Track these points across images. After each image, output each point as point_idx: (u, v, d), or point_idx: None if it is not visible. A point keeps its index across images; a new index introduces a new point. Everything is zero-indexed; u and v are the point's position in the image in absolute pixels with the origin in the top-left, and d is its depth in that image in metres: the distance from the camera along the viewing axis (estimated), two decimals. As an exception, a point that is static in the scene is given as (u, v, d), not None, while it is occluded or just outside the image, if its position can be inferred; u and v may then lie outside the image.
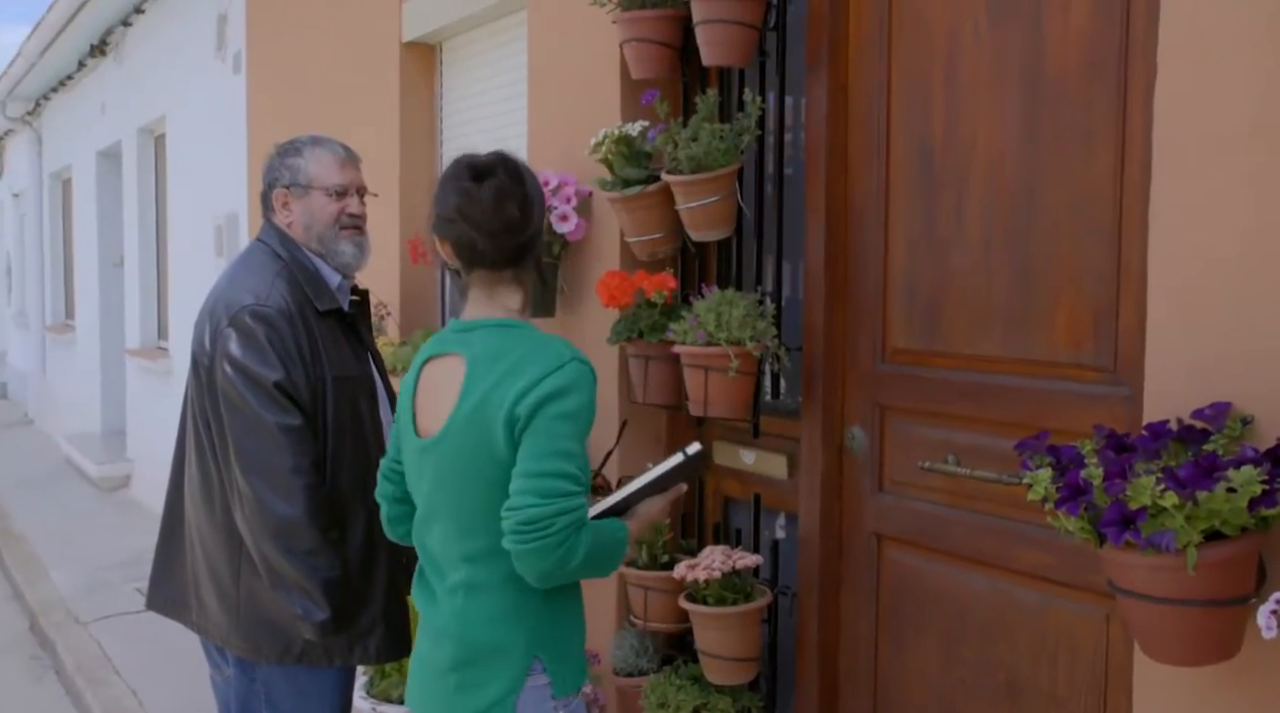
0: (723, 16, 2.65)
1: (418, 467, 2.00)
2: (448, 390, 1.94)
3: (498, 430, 1.86)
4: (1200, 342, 1.76)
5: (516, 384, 1.86)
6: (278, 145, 2.72)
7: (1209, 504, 1.47)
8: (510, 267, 1.99)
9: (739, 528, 3.01)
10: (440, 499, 1.96)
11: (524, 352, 1.91)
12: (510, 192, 1.94)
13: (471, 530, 1.92)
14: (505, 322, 1.98)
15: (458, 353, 1.96)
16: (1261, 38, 1.68)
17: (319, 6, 5.07)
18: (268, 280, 2.49)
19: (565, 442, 1.85)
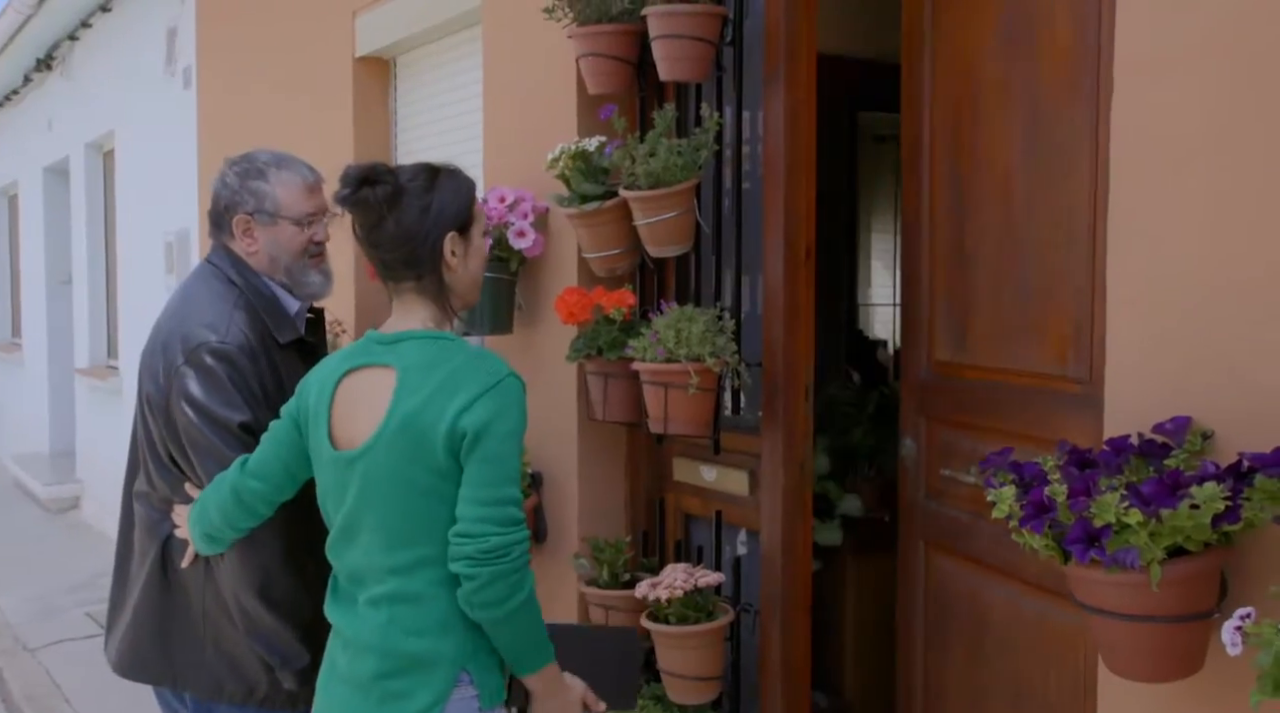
0: (679, 32, 2.64)
1: (336, 480, 1.95)
2: (374, 402, 1.90)
3: (435, 442, 1.84)
4: (1160, 356, 1.77)
5: (456, 398, 1.85)
6: (233, 162, 2.48)
7: (1172, 521, 1.47)
8: (408, 280, 1.96)
9: (700, 545, 2.99)
10: (365, 512, 1.91)
11: (458, 364, 1.89)
12: (384, 201, 1.89)
13: (400, 542, 1.89)
14: (435, 333, 1.95)
15: (386, 365, 1.92)
16: (1217, 52, 1.69)
17: (271, 21, 5.02)
18: (225, 312, 2.29)
19: (513, 463, 1.88)
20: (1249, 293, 1.66)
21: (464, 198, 1.97)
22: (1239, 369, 1.67)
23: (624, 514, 3.16)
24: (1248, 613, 1.41)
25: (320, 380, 2.01)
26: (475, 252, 2.01)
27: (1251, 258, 1.66)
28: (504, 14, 3.40)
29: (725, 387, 2.77)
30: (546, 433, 3.09)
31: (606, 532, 3.06)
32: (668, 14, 2.63)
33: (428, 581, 1.89)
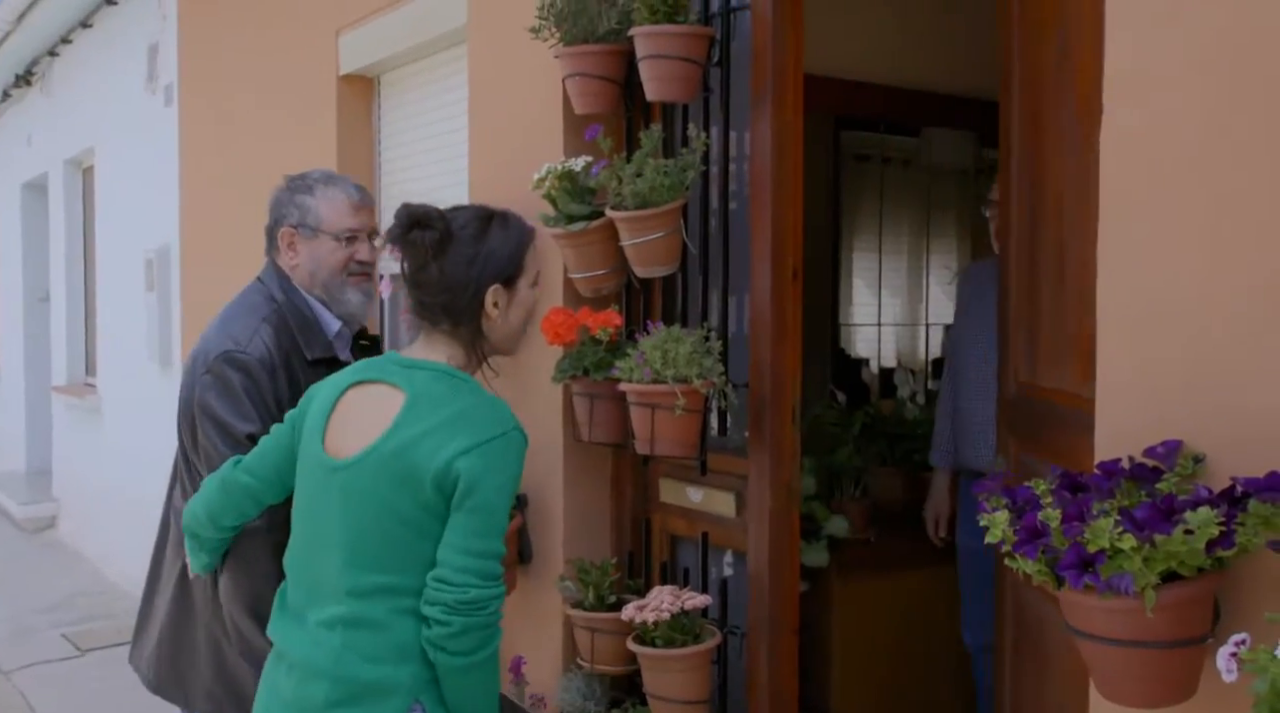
0: (666, 52, 2.64)
1: (316, 486, 1.93)
2: (376, 417, 1.89)
3: (425, 476, 1.83)
4: (1150, 377, 1.76)
5: (456, 439, 1.83)
6: (289, 178, 2.56)
7: (1167, 546, 1.46)
8: (444, 324, 1.97)
9: (686, 567, 2.97)
10: (337, 526, 1.89)
11: (466, 406, 1.89)
12: (431, 246, 1.91)
13: (366, 565, 1.86)
14: (451, 371, 1.95)
15: (397, 386, 1.92)
16: (1206, 73, 1.69)
17: (254, 39, 5.00)
18: (252, 326, 2.35)
19: (502, 519, 1.87)
20: (1239, 314, 1.66)
21: (513, 248, 1.98)
22: (1229, 391, 1.67)
23: (609, 536, 3.14)
24: (1243, 639, 1.40)
25: (329, 388, 2.01)
26: (519, 303, 2.02)
27: (1241, 278, 1.66)
28: (489, 33, 3.39)
29: (712, 408, 2.76)
30: (531, 454, 3.02)
31: (592, 553, 3.04)
32: (655, 34, 2.63)
33: (389, 608, 1.86)
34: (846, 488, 3.53)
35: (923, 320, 4.63)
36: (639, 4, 2.64)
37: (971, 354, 3.25)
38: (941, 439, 3.42)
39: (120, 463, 7.00)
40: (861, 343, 4.90)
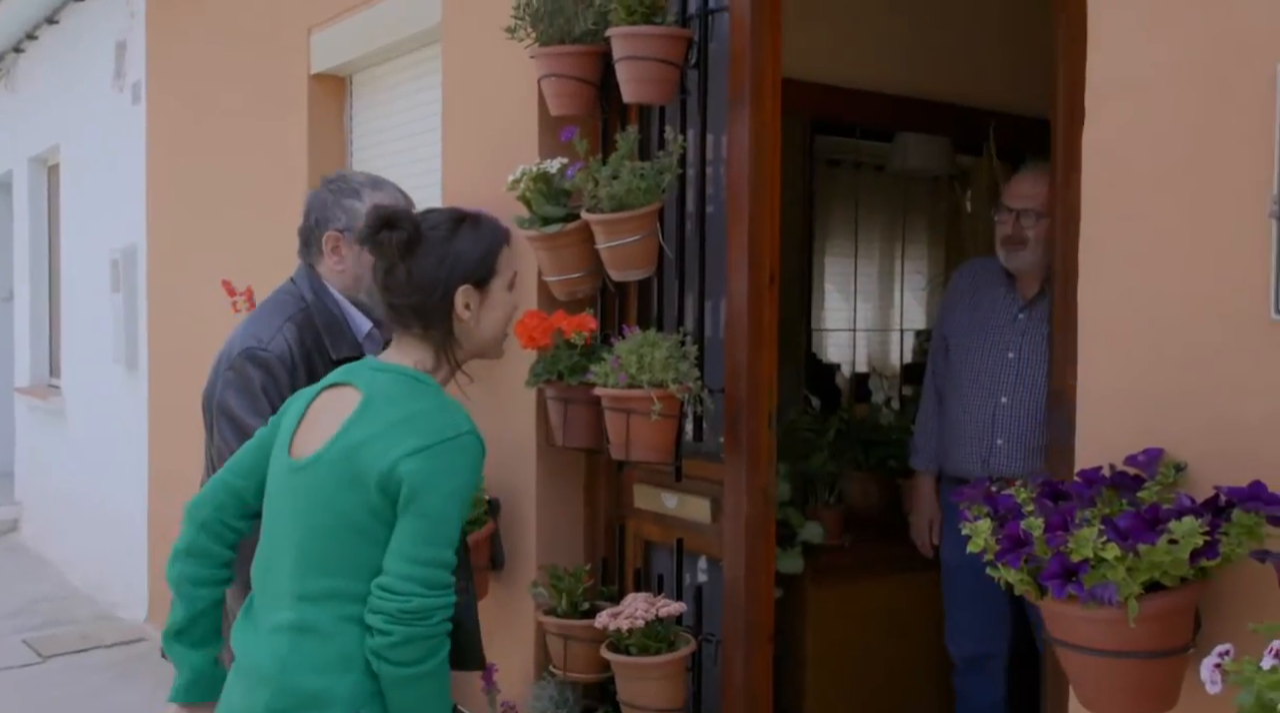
0: (644, 53, 2.61)
1: (282, 488, 1.90)
2: (334, 418, 1.87)
3: (370, 480, 1.79)
4: (1132, 386, 1.75)
5: (405, 441, 1.79)
6: (329, 181, 2.52)
7: (1150, 556, 1.45)
8: (415, 327, 1.93)
9: (660, 573, 2.94)
10: (291, 527, 1.86)
11: (420, 408, 1.84)
12: (399, 246, 1.87)
13: (315, 569, 1.83)
14: (414, 373, 1.91)
15: (358, 387, 1.89)
16: (1191, 78, 1.68)
17: (224, 37, 4.94)
18: (276, 324, 2.35)
19: (452, 526, 1.82)
20: (1219, 324, 1.66)
21: (485, 248, 1.94)
22: (1210, 400, 1.66)
23: (582, 542, 3.11)
24: (1226, 650, 1.39)
25: (308, 392, 1.98)
26: (494, 306, 1.97)
27: (1222, 289, 1.65)
28: (463, 33, 3.36)
29: (687, 413, 2.73)
30: (504, 459, 3.03)
31: (565, 559, 3.01)
32: (632, 35, 2.60)
33: (335, 615, 1.82)
34: (821, 494, 3.51)
35: (896, 326, 4.62)
36: (616, 5, 2.62)
37: (967, 356, 3.14)
38: (924, 442, 3.34)
39: (85, 466, 6.90)
40: (834, 348, 4.89)
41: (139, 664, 5.30)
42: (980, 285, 3.19)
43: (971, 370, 3.11)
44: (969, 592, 3.15)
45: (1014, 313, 3.08)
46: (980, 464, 3.06)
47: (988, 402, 3.05)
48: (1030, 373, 3.01)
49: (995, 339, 3.08)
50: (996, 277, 3.14)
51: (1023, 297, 3.08)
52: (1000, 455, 3.03)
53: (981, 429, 3.06)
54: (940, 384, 3.29)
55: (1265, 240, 1.58)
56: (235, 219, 4.77)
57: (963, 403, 3.12)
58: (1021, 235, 3.00)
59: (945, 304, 3.33)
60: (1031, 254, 3.00)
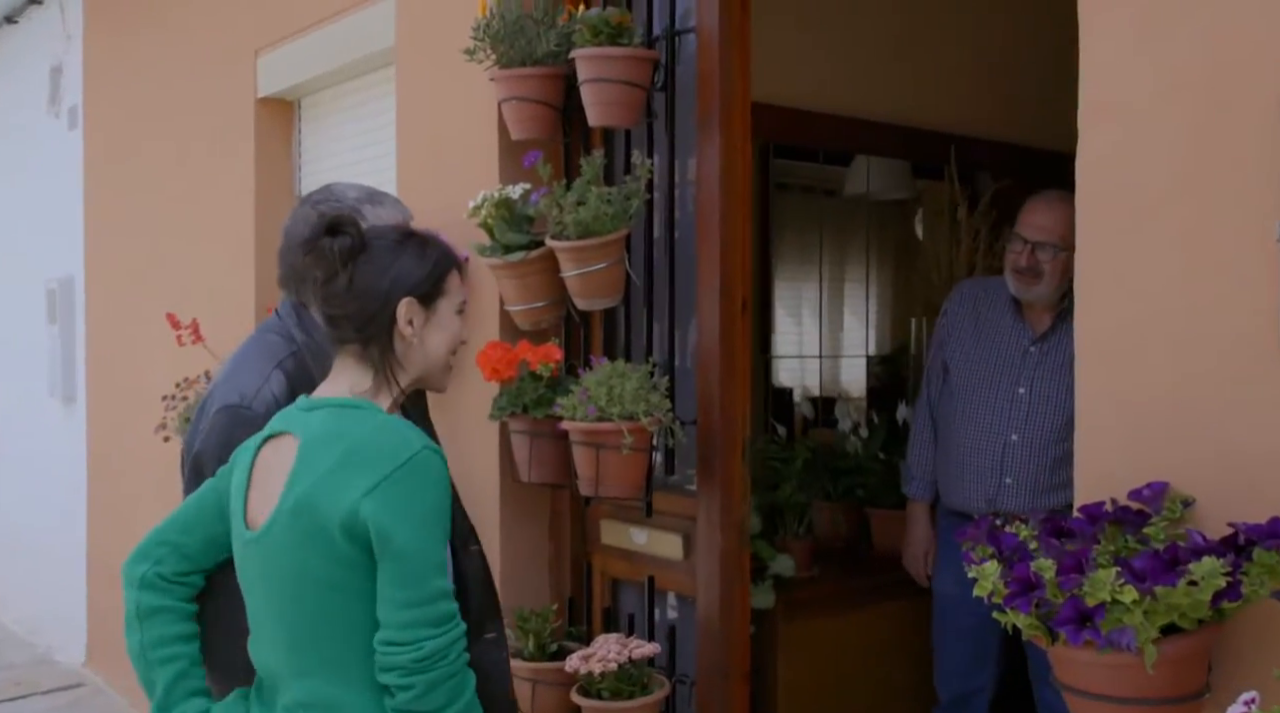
0: (610, 75, 2.53)
1: (246, 562, 1.76)
2: (277, 476, 1.71)
3: (332, 530, 1.63)
4: (1133, 415, 1.69)
5: (359, 477, 1.64)
6: (316, 200, 2.22)
7: (1168, 599, 1.38)
8: (353, 341, 1.78)
9: (631, 612, 2.84)
10: (267, 602, 1.73)
11: (363, 436, 1.68)
12: (340, 253, 1.74)
13: (304, 641, 1.69)
14: (347, 401, 1.75)
15: (294, 434, 1.73)
16: (1185, 96, 1.63)
17: (166, 60, 4.78)
18: (264, 373, 2.05)
19: (436, 550, 1.67)
20: (1226, 349, 1.60)
21: (431, 266, 1.80)
22: (1217, 431, 1.60)
23: (547, 580, 3.00)
24: (1252, 698, 1.32)
25: (248, 448, 1.81)
26: (439, 326, 1.82)
27: (1226, 313, 1.59)
28: (419, 55, 3.26)
29: (658, 446, 2.64)
30: (466, 496, 2.88)
31: (530, 599, 2.90)
32: (599, 58, 2.52)
33: (342, 685, 1.68)
34: (790, 525, 3.43)
35: (860, 352, 4.56)
36: (582, 26, 2.53)
37: (972, 387, 3.01)
38: (919, 470, 3.18)
39: (17, 504, 6.64)
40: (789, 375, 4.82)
41: (78, 711, 5.09)
42: (983, 311, 3.05)
43: (978, 404, 2.98)
44: (961, 629, 3.05)
45: (1025, 346, 2.96)
46: (986, 502, 2.93)
47: (996, 438, 2.93)
48: (1042, 410, 2.90)
49: (1005, 372, 2.96)
50: (1002, 303, 3.02)
51: (1033, 329, 2.97)
52: (1008, 494, 2.92)
53: (989, 466, 2.94)
54: (936, 411, 3.16)
55: (1271, 266, 1.53)
56: (179, 249, 4.61)
57: (968, 437, 2.98)
58: (1037, 268, 2.89)
59: (944, 327, 3.16)
60: (1046, 288, 2.90)
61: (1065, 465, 2.86)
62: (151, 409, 4.13)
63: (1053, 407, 2.88)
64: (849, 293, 4.76)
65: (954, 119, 4.13)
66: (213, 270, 4.33)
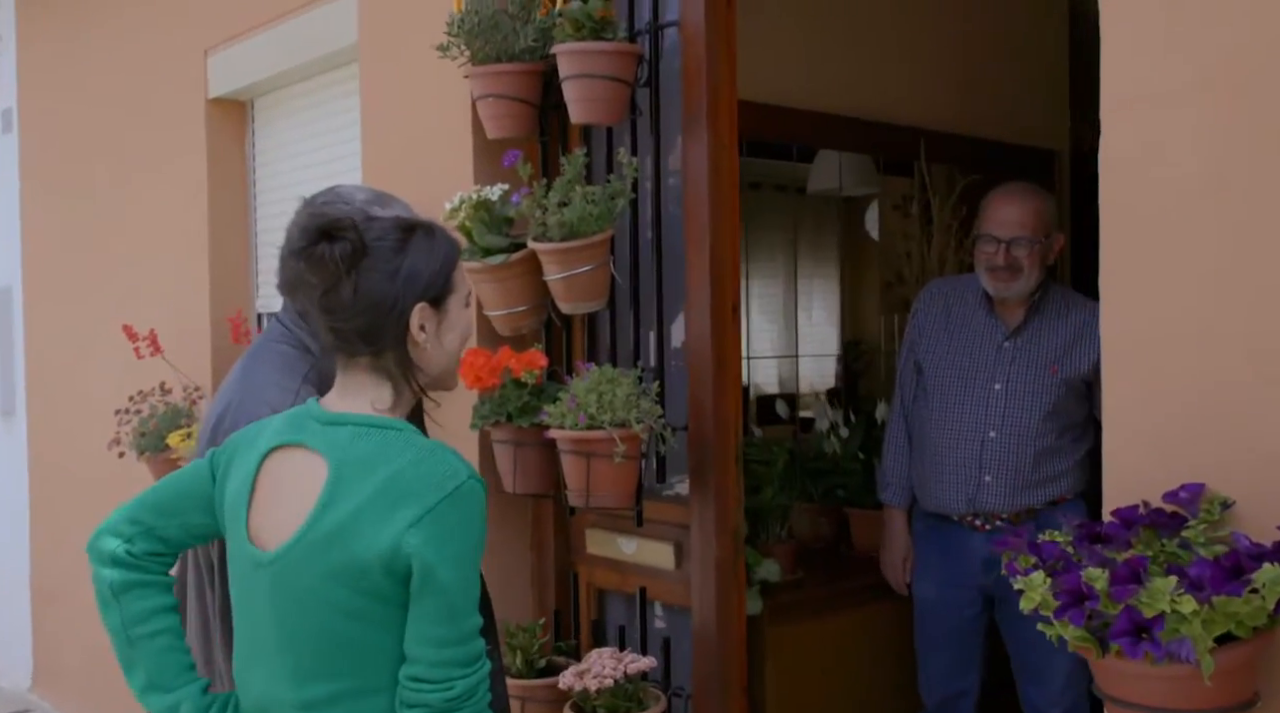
0: (593, 71, 2.45)
1: (249, 583, 1.64)
2: (300, 495, 1.59)
3: (371, 562, 1.53)
4: (1165, 414, 1.64)
5: (401, 510, 1.53)
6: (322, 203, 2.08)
7: (1227, 608, 1.33)
8: (364, 354, 1.65)
9: (621, 624, 2.75)
10: (272, 631, 1.61)
11: (406, 464, 1.57)
12: (343, 260, 1.60)
13: (315, 674, 1.58)
14: (381, 421, 1.63)
15: (319, 451, 1.61)
16: (1213, 89, 1.59)
17: (107, 59, 4.60)
18: (291, 389, 1.93)
19: (474, 588, 1.58)
20: (1260, 349, 1.55)
21: (440, 262, 1.67)
22: (1254, 432, 1.55)
23: (532, 593, 2.90)
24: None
25: (248, 455, 1.67)
26: (451, 326, 1.71)
27: (1264, 312, 1.55)
28: (385, 52, 3.15)
29: (648, 453, 2.56)
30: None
31: (515, 613, 2.80)
32: (581, 53, 2.43)
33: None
34: (772, 528, 3.37)
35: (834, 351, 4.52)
36: (563, 20, 2.45)
37: (947, 386, 2.96)
38: (895, 475, 3.12)
39: (-45, 523, 6.40)
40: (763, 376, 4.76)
41: (25, 738, 4.90)
42: (954, 308, 3.02)
43: (954, 402, 2.93)
44: (945, 633, 3.02)
45: (998, 341, 2.93)
46: (966, 502, 2.91)
47: (974, 436, 2.89)
48: (1019, 405, 2.86)
49: (980, 370, 2.92)
50: (973, 301, 2.99)
51: (1006, 325, 2.93)
52: (988, 492, 2.88)
53: (967, 465, 2.89)
54: (910, 414, 3.11)
55: (1311, 260, 1.49)
56: (128, 257, 4.44)
57: (945, 436, 2.94)
58: (1016, 264, 2.84)
59: (915, 327, 3.12)
60: (1027, 282, 2.86)
61: (1045, 461, 2.87)
62: (100, 423, 3.96)
63: (1030, 401, 2.85)
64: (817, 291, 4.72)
65: (923, 114, 4.09)
66: (165, 279, 4.17)
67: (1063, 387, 2.85)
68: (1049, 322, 2.90)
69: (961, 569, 2.96)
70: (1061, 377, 2.84)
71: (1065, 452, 2.88)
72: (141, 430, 3.63)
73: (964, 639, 3.00)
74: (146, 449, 3.61)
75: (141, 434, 3.62)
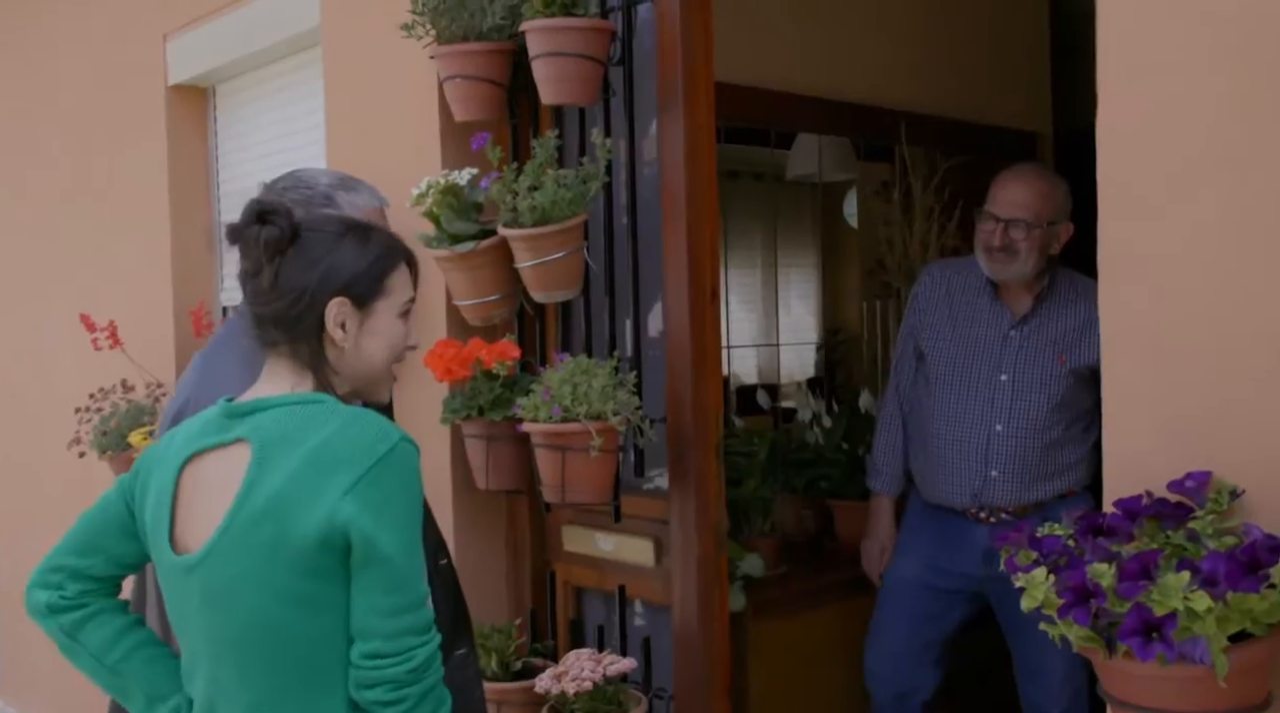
0: (565, 49, 2.35)
1: (181, 596, 1.57)
2: (225, 487, 1.52)
3: (306, 537, 1.46)
4: (1171, 400, 1.56)
5: (333, 478, 1.47)
6: (282, 188, 2.05)
7: (1243, 604, 1.25)
8: (281, 342, 1.61)
9: (600, 624, 2.66)
10: (212, 635, 1.53)
11: (333, 431, 1.51)
12: (268, 244, 1.57)
13: (261, 669, 1.51)
14: (303, 397, 1.57)
15: (242, 439, 1.54)
16: (1219, 61, 1.50)
17: (60, 45, 4.46)
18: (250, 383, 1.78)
19: (418, 553, 1.53)
20: (1270, 332, 1.47)
21: (369, 261, 1.61)
22: (1263, 423, 1.47)
23: (507, 593, 2.81)
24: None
25: (163, 469, 1.59)
26: (376, 332, 1.63)
27: (1269, 293, 1.47)
28: (348, 34, 3.04)
29: (625, 446, 2.47)
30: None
31: (490, 614, 2.71)
32: (552, 29, 2.33)
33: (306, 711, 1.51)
34: (756, 522, 3.28)
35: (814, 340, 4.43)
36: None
37: (951, 376, 2.84)
38: (886, 463, 3.01)
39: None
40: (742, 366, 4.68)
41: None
42: (956, 294, 2.89)
43: (959, 393, 2.81)
44: (917, 616, 2.91)
45: (1004, 330, 2.80)
46: (971, 496, 2.79)
47: (980, 429, 2.76)
48: (1027, 397, 2.74)
49: (985, 359, 2.79)
50: (977, 286, 2.86)
51: (1013, 312, 2.80)
52: (995, 487, 2.76)
53: (973, 459, 2.77)
54: (906, 401, 3.00)
55: (1324, 235, 1.41)
56: (86, 249, 4.30)
57: (950, 429, 2.81)
58: (1013, 246, 2.72)
59: (916, 311, 2.97)
60: (1023, 266, 2.74)
61: (1054, 454, 2.76)
62: (66, 422, 3.84)
63: (1038, 393, 2.74)
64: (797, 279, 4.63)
65: (903, 96, 4.00)
66: (125, 271, 4.04)
67: (1071, 377, 2.73)
68: (1057, 310, 2.78)
69: (958, 557, 2.85)
70: (1070, 367, 2.73)
71: (1074, 443, 2.77)
72: (103, 429, 3.51)
73: (925, 628, 2.88)
74: (108, 448, 3.49)
75: (103, 433, 3.51)
